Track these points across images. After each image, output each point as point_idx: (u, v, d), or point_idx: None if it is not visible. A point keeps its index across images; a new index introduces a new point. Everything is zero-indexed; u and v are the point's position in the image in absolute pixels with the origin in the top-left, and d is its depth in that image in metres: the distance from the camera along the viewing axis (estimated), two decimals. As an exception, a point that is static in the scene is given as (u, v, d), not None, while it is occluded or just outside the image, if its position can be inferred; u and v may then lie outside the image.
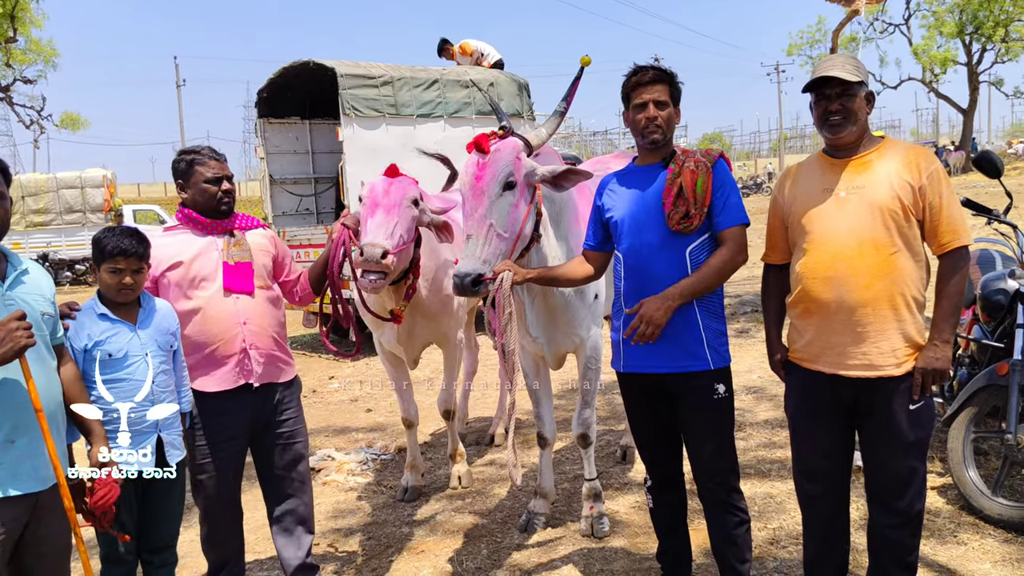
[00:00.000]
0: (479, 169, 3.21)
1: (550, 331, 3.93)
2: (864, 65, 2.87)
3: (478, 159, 3.23)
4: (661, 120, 3.03)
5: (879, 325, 2.73)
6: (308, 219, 11.25)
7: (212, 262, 3.26)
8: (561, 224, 3.71)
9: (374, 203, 3.78)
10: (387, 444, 6.04)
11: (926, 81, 39.09)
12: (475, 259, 3.11)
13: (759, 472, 4.86)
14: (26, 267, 2.57)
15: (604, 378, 7.29)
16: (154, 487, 2.96)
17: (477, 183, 3.19)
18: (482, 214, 3.15)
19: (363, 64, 10.01)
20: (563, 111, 3.52)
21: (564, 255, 3.67)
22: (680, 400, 3.10)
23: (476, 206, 3.17)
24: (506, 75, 11.26)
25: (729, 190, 3.03)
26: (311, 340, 11.22)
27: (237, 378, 3.27)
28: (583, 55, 3.42)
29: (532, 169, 3.29)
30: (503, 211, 3.19)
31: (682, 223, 2.97)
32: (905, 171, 2.73)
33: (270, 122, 10.92)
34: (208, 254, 3.27)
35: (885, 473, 2.85)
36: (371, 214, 3.74)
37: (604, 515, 4.26)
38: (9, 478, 2.38)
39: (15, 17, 18.96)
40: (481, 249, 3.13)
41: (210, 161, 3.28)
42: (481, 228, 3.14)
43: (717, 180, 3.01)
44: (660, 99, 3.03)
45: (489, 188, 3.17)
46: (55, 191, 21.82)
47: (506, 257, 3.23)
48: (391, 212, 3.74)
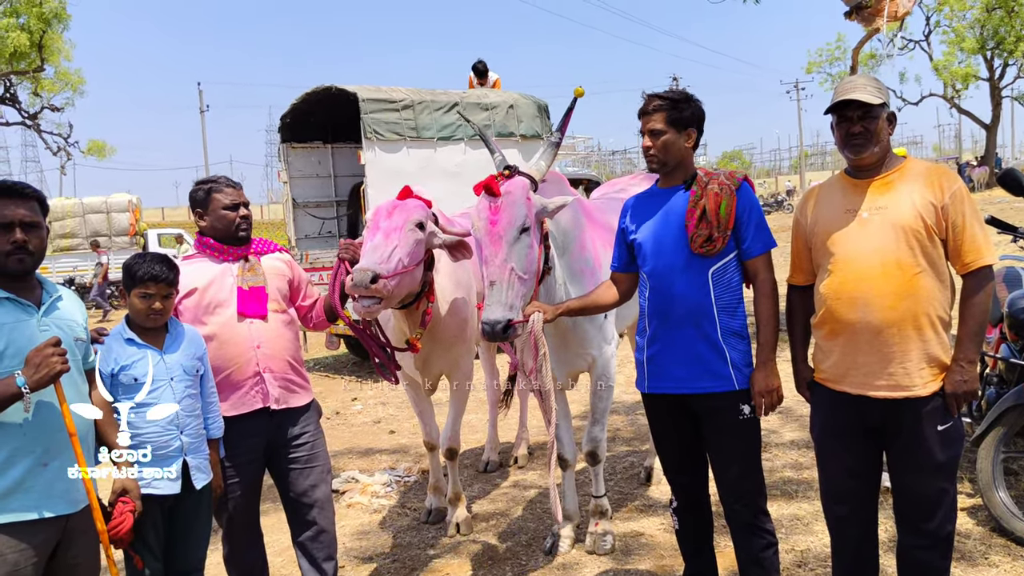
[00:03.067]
0: (493, 213, 3.22)
1: (561, 352, 3.95)
2: (885, 86, 2.88)
3: (490, 203, 3.25)
4: (655, 149, 3.08)
5: (904, 346, 2.72)
6: (331, 242, 11.34)
7: (226, 288, 3.30)
8: (566, 254, 3.74)
9: (375, 226, 3.71)
10: (410, 466, 6.05)
11: (948, 97, 38.83)
12: (502, 305, 3.14)
13: (786, 493, 4.82)
14: (60, 294, 2.63)
15: (627, 398, 7.30)
16: (181, 510, 3.00)
17: (493, 228, 3.21)
18: (502, 259, 3.17)
19: (384, 88, 10.12)
20: (558, 141, 3.57)
21: (571, 283, 3.69)
22: (705, 420, 3.10)
23: (496, 252, 3.19)
24: (525, 97, 11.33)
25: (756, 214, 3.06)
26: (333, 362, 11.28)
27: (254, 401, 3.30)
28: (576, 86, 3.50)
29: (543, 207, 3.32)
30: (521, 254, 3.21)
31: (705, 246, 2.98)
32: (927, 191, 2.73)
33: (293, 147, 11.05)
34: (223, 280, 3.31)
35: (913, 494, 2.82)
36: (371, 237, 3.68)
37: (609, 533, 4.28)
38: (43, 500, 2.42)
39: (43, 47, 19.31)
40: (506, 294, 3.15)
41: (227, 188, 3.34)
42: (503, 273, 3.16)
43: (741, 204, 3.03)
44: (655, 128, 3.07)
45: (506, 233, 3.19)
46: (81, 216, 22.17)
47: (529, 297, 3.26)
48: (390, 236, 3.64)
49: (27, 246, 2.47)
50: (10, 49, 18.33)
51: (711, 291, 3.01)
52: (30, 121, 21.34)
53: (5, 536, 2.35)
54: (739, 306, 3.07)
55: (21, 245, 2.45)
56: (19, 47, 18.18)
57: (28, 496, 2.40)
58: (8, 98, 20.67)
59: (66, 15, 18.88)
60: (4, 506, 2.36)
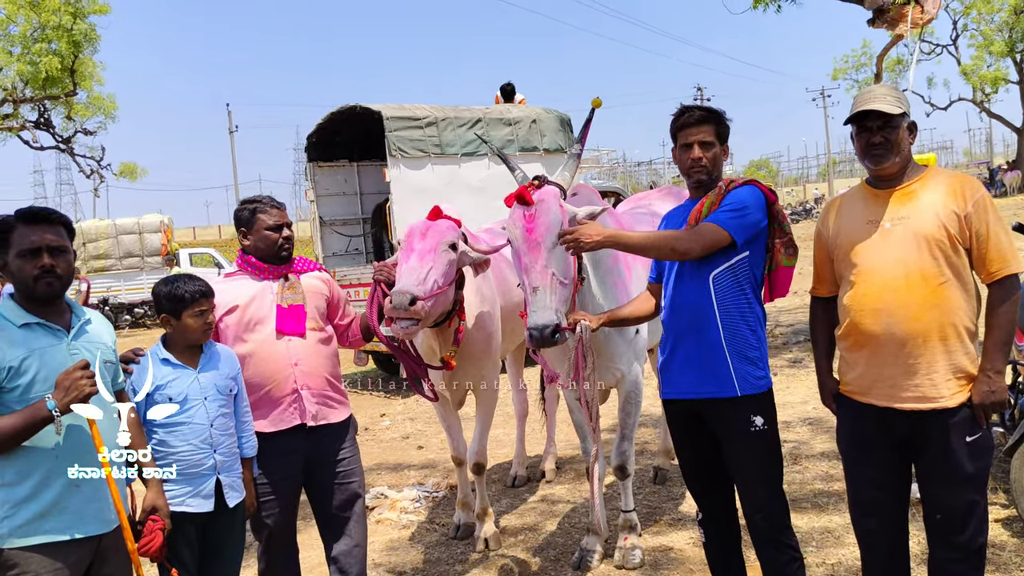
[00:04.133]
0: (528, 221, 3.25)
1: None
2: (905, 96, 2.87)
3: (524, 211, 3.28)
4: (706, 160, 3.08)
5: (930, 357, 2.70)
6: (358, 259, 11.44)
7: (266, 305, 3.37)
8: (600, 265, 3.76)
9: (409, 248, 3.77)
10: (439, 481, 6.07)
11: (977, 101, 38.36)
12: (548, 310, 3.15)
13: (816, 506, 4.78)
14: (89, 317, 2.69)
15: (655, 410, 7.28)
16: (215, 527, 3.04)
17: (530, 235, 3.23)
18: (543, 265, 3.19)
19: (408, 106, 10.22)
20: (578, 153, 3.60)
21: (603, 295, 3.71)
22: (718, 430, 3.10)
23: (535, 258, 3.21)
24: (549, 111, 11.39)
25: (733, 204, 3.00)
26: (362, 377, 11.35)
27: (292, 418, 3.36)
28: (594, 97, 3.51)
29: (574, 214, 3.35)
30: (560, 259, 3.24)
31: None
32: (950, 200, 2.72)
33: (319, 166, 11.18)
34: (263, 298, 3.38)
35: (944, 507, 2.79)
36: (405, 259, 3.74)
37: (637, 547, 4.28)
38: (76, 521, 2.48)
39: (75, 71, 19.73)
40: (550, 299, 3.17)
41: (271, 209, 3.42)
42: (544, 279, 3.18)
43: (727, 200, 3.01)
44: (705, 140, 3.08)
45: (544, 239, 3.21)
46: (114, 237, 22.50)
47: (569, 303, 3.28)
48: (425, 257, 3.70)
49: (55, 270, 2.52)
50: (43, 74, 18.75)
51: (712, 296, 3.02)
52: (64, 145, 21.76)
53: (40, 556, 2.41)
54: (746, 310, 3.04)
55: (49, 269, 2.51)
56: (51, 71, 18.58)
57: (62, 517, 2.45)
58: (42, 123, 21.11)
59: (96, 36, 19.27)
60: (38, 527, 2.42)
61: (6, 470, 2.42)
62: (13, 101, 20.08)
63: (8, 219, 2.55)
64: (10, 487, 2.42)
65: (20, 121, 20.80)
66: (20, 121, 20.80)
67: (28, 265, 2.49)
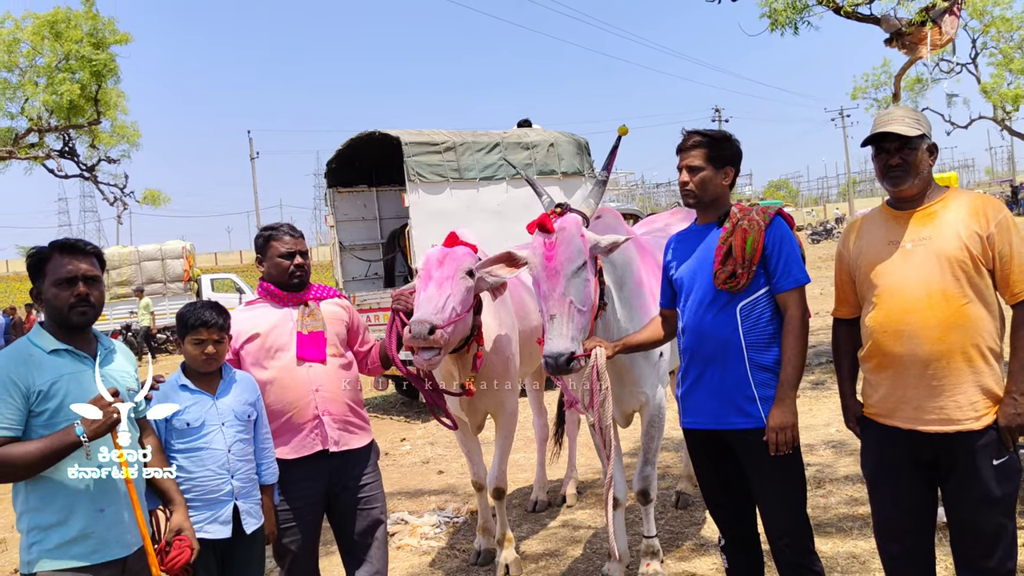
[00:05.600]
0: (548, 249, 3.27)
1: (617, 390, 3.94)
2: (925, 117, 2.86)
3: (545, 239, 3.30)
4: (692, 185, 3.11)
5: (954, 378, 2.67)
6: (377, 283, 11.49)
7: (287, 332, 3.39)
8: (624, 289, 3.75)
9: (427, 276, 3.79)
10: (459, 506, 6.04)
11: (998, 119, 38.05)
12: (565, 338, 3.16)
13: (841, 530, 4.71)
14: (114, 347, 2.76)
15: (676, 434, 7.21)
16: (233, 554, 3.04)
17: (549, 263, 3.25)
18: (561, 292, 3.21)
19: (426, 132, 10.30)
20: (604, 179, 3.61)
21: (629, 319, 3.70)
22: (742, 457, 3.08)
23: (554, 286, 3.22)
24: (566, 135, 11.43)
25: (786, 249, 3.02)
26: (382, 402, 11.36)
27: (313, 444, 3.37)
28: (620, 125, 3.53)
29: (596, 243, 3.36)
30: (579, 287, 3.24)
31: (728, 282, 3.00)
32: (972, 221, 2.69)
33: (339, 191, 11.27)
34: (284, 325, 3.40)
35: (971, 531, 2.74)
36: (423, 288, 3.75)
37: (660, 573, 4.23)
38: (100, 546, 2.52)
39: (99, 100, 20.05)
40: (567, 327, 3.18)
41: (285, 237, 3.45)
42: (563, 307, 3.19)
43: (770, 238, 3.01)
44: (693, 164, 3.11)
45: (564, 267, 3.23)
46: (137, 263, 22.82)
47: (587, 331, 3.28)
48: (443, 285, 3.72)
49: (89, 299, 2.59)
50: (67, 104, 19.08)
51: (739, 327, 3.01)
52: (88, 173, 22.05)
53: None
54: (772, 342, 3.03)
55: (84, 298, 2.57)
56: (73, 98, 18.90)
57: (87, 542, 2.49)
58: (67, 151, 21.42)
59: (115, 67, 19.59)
60: (66, 552, 2.47)
61: (32, 495, 2.48)
62: (39, 131, 20.41)
63: (44, 249, 2.63)
64: (37, 512, 2.48)
65: (46, 150, 21.13)
66: (46, 150, 21.13)
67: (64, 293, 2.56)
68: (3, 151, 19.84)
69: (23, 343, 2.58)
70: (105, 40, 19.35)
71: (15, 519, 2.56)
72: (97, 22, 19.17)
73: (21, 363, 2.48)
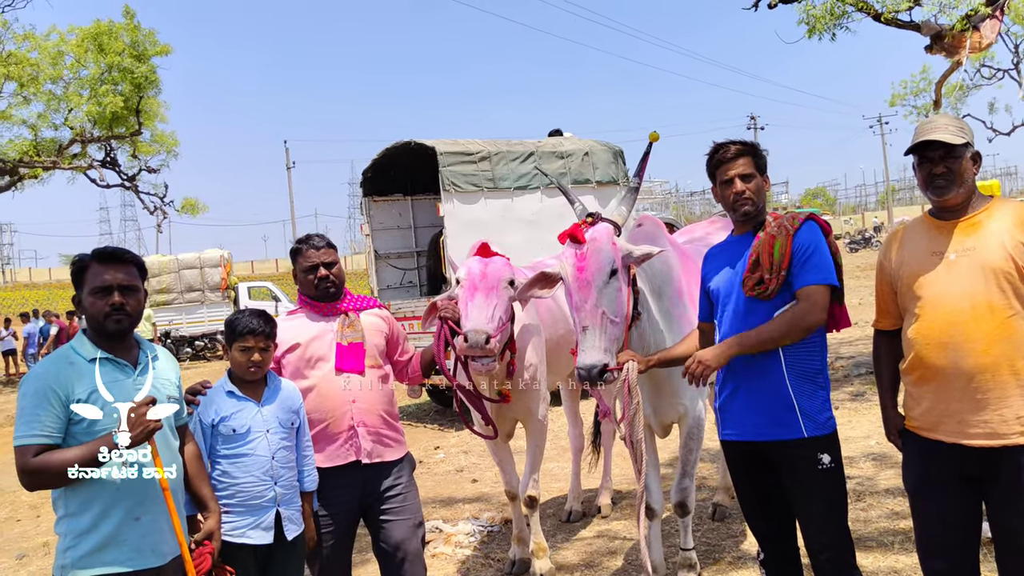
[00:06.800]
0: (580, 260, 3.25)
1: (655, 401, 3.93)
2: (969, 126, 2.81)
3: (576, 250, 3.28)
4: (749, 192, 3.05)
5: (1000, 391, 2.62)
6: (412, 292, 11.57)
7: (327, 343, 3.43)
8: (664, 297, 3.73)
9: (472, 287, 3.84)
10: (493, 515, 6.05)
11: (1041, 126, 37.29)
12: (597, 349, 3.15)
13: (882, 544, 4.63)
14: (156, 354, 2.78)
15: (713, 445, 7.15)
16: (274, 560, 3.08)
17: (581, 274, 3.23)
18: (593, 303, 3.19)
19: (461, 141, 10.36)
20: (636, 187, 3.59)
21: (668, 328, 3.67)
22: (782, 469, 3.03)
23: (586, 297, 3.20)
24: (601, 144, 11.42)
25: (812, 250, 2.95)
26: (416, 410, 11.41)
27: (347, 455, 3.39)
28: (651, 131, 3.53)
29: (628, 252, 3.34)
30: (611, 297, 3.23)
31: (756, 289, 2.96)
32: (1017, 231, 2.64)
33: (374, 200, 11.37)
34: (324, 336, 3.45)
35: (1016, 546, 2.68)
36: (471, 298, 3.81)
37: None
38: (134, 554, 2.53)
39: (140, 111, 20.45)
40: (599, 339, 3.16)
41: (310, 251, 3.48)
42: (595, 318, 3.17)
43: (798, 242, 2.95)
44: (745, 172, 3.06)
45: (595, 278, 3.21)
46: (176, 271, 23.18)
47: (620, 341, 3.27)
48: (490, 295, 3.80)
49: (124, 308, 2.61)
50: (109, 115, 19.49)
51: None
52: (128, 183, 22.50)
53: None
54: (812, 350, 2.99)
55: (119, 307, 2.60)
56: (116, 110, 19.31)
57: (121, 550, 2.51)
58: (109, 161, 21.86)
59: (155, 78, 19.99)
60: (98, 559, 2.48)
61: (70, 500, 2.51)
62: (82, 141, 20.89)
63: (84, 258, 2.67)
64: (74, 517, 2.50)
65: (88, 160, 21.61)
66: (88, 160, 21.61)
67: (100, 302, 2.59)
68: (47, 161, 20.32)
69: (65, 350, 2.62)
70: (146, 52, 19.76)
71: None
72: (138, 34, 19.60)
73: (62, 371, 2.52)
